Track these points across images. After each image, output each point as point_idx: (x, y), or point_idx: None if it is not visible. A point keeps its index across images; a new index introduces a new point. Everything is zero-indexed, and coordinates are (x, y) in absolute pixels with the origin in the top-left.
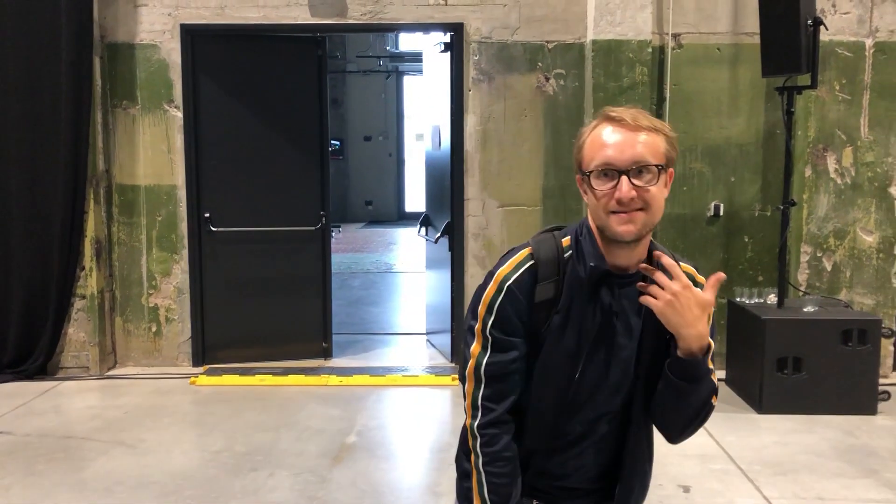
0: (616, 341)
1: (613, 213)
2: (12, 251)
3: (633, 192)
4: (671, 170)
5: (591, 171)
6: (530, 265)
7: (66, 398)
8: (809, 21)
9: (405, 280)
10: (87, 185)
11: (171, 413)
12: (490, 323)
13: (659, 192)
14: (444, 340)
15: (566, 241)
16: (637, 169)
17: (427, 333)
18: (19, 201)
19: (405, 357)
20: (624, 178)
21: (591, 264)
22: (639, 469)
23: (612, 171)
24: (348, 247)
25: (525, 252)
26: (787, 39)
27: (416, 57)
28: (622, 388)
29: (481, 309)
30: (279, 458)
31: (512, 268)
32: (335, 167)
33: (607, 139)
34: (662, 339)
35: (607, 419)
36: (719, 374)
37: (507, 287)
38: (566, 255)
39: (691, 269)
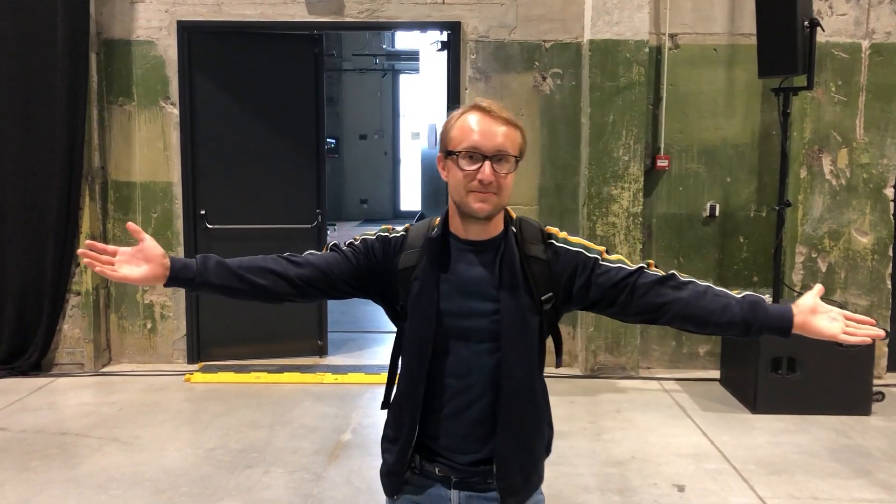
0: (472, 299)
1: (472, 191)
2: (7, 247)
3: (493, 177)
4: (520, 161)
5: (459, 152)
6: (402, 235)
7: (60, 395)
8: (806, 22)
9: None
10: (83, 181)
11: (166, 410)
12: (347, 243)
13: (511, 179)
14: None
15: (437, 220)
16: (498, 157)
17: None
18: (14, 197)
19: None
20: (487, 163)
21: (436, 231)
22: (514, 435)
23: (477, 155)
24: None
25: (405, 227)
26: (784, 41)
27: (412, 55)
28: (482, 344)
29: (351, 240)
30: (274, 455)
31: (390, 230)
32: (330, 165)
33: (475, 126)
34: (525, 301)
35: (475, 380)
36: (713, 374)
37: (379, 235)
38: (433, 232)
39: (554, 230)
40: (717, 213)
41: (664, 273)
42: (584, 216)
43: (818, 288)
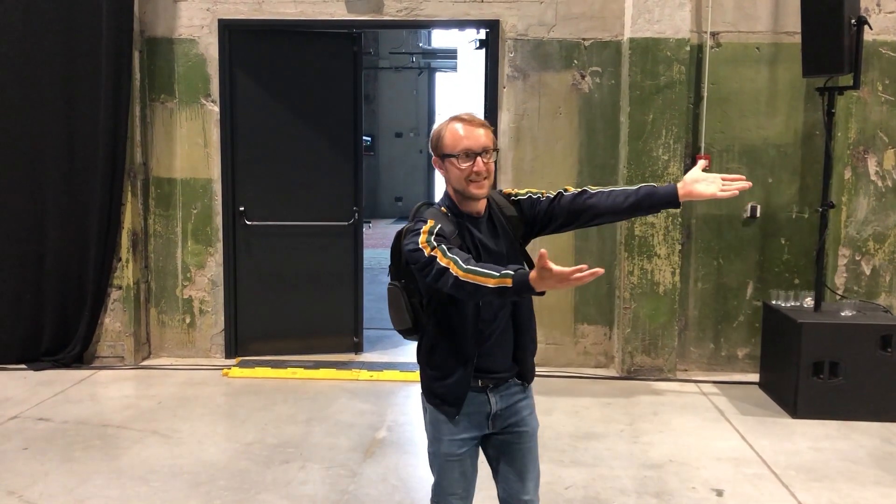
0: (491, 255)
1: (472, 181)
2: (50, 242)
3: (483, 167)
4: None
5: (455, 155)
6: (440, 225)
7: (102, 387)
8: (853, 20)
9: None
10: (125, 177)
11: (204, 404)
12: (446, 241)
13: (491, 166)
14: None
15: (443, 209)
16: (484, 151)
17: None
18: (58, 193)
19: None
20: (479, 158)
21: (455, 214)
22: (529, 338)
23: (472, 153)
24: (378, 242)
25: (429, 220)
26: (830, 39)
27: (449, 54)
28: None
29: (422, 238)
30: (310, 451)
31: (430, 223)
32: (366, 163)
33: (462, 132)
34: (517, 246)
35: (506, 312)
36: (752, 377)
37: (437, 226)
38: (450, 217)
39: (509, 189)
40: (759, 214)
41: (578, 189)
42: None
43: (702, 163)
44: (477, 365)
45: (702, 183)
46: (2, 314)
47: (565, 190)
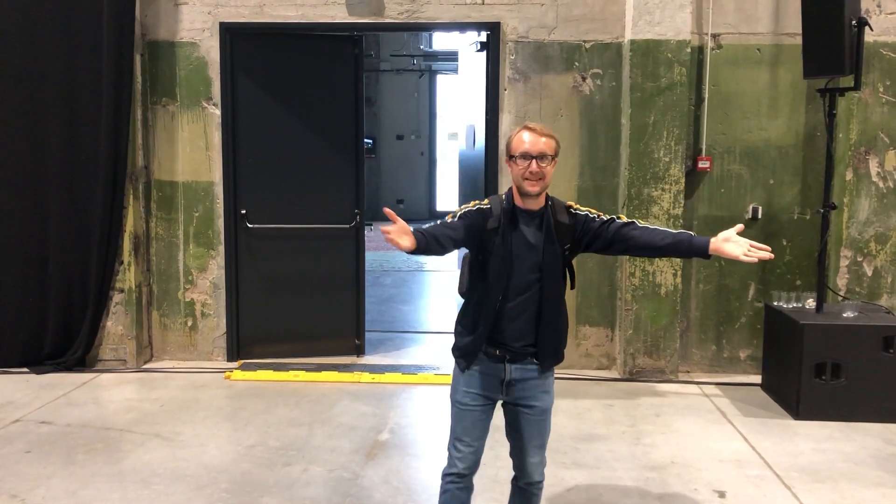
0: (528, 249)
1: (527, 179)
2: (53, 245)
3: (538, 168)
4: (557, 158)
5: (517, 155)
6: (489, 206)
7: (104, 390)
8: (854, 21)
9: (436, 279)
10: (127, 180)
11: (206, 407)
12: (459, 214)
13: (551, 169)
14: None
15: (502, 196)
16: (541, 156)
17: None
18: (60, 196)
19: (436, 355)
20: (534, 161)
21: (509, 205)
22: (550, 329)
23: (528, 156)
24: (380, 245)
25: (486, 200)
26: (831, 40)
27: (450, 56)
28: (534, 275)
29: (461, 209)
30: (313, 453)
31: (480, 203)
32: (367, 165)
33: (526, 139)
34: (557, 248)
35: (528, 297)
36: (754, 378)
37: (476, 206)
38: (504, 205)
39: (573, 203)
40: (760, 216)
41: (628, 220)
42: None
43: (738, 227)
44: (495, 336)
45: (731, 244)
46: (4, 317)
47: (618, 217)
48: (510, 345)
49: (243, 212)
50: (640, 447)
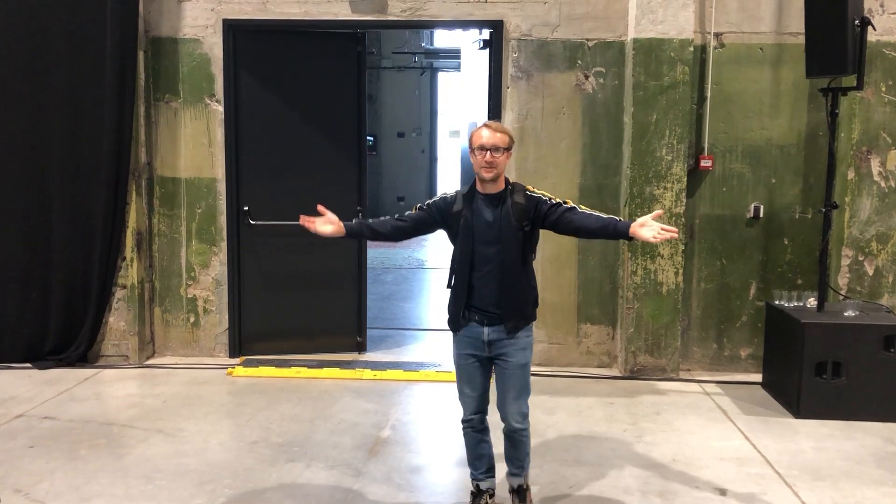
0: (485, 225)
1: (482, 167)
2: (55, 241)
3: (491, 158)
4: (510, 151)
5: (476, 147)
6: (454, 195)
7: (106, 386)
8: (857, 21)
9: (436, 276)
10: (130, 177)
11: (209, 403)
12: (423, 205)
13: (504, 160)
14: None
15: (468, 187)
16: (494, 148)
17: None
18: (63, 192)
19: (437, 353)
20: (489, 152)
21: (471, 189)
22: (512, 293)
23: (483, 148)
24: (381, 243)
25: (453, 191)
26: (833, 40)
27: (451, 53)
28: (492, 248)
29: (427, 202)
30: (315, 449)
31: (446, 194)
32: (368, 163)
33: (483, 134)
34: (514, 224)
35: (490, 266)
36: (755, 377)
37: (440, 197)
38: (466, 191)
39: (530, 187)
40: (762, 215)
41: (572, 205)
42: (625, 216)
43: (656, 213)
44: (471, 303)
45: (645, 228)
46: (7, 313)
47: (565, 202)
48: (484, 310)
49: (246, 208)
50: (642, 445)
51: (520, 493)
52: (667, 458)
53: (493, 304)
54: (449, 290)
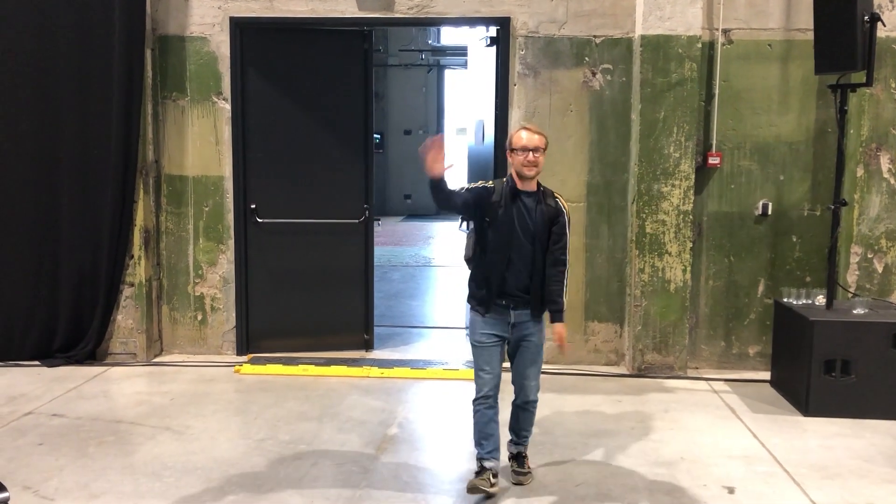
0: (525, 220)
1: (525, 165)
2: (64, 239)
3: (534, 158)
4: (546, 150)
5: (518, 149)
6: (493, 186)
7: (114, 383)
8: (866, 17)
9: (444, 274)
10: (137, 175)
11: (216, 401)
12: (467, 188)
13: (542, 159)
14: None
15: (504, 180)
16: (535, 149)
17: (466, 328)
18: (71, 190)
19: (444, 351)
20: (531, 152)
21: (510, 185)
22: (539, 284)
23: (527, 149)
24: (388, 240)
25: (491, 182)
26: (843, 36)
27: (458, 51)
28: (528, 240)
29: (469, 185)
30: (322, 447)
31: (486, 183)
32: (375, 161)
33: (524, 136)
34: (545, 221)
35: (524, 257)
36: (763, 375)
37: (482, 185)
38: (506, 185)
39: (560, 198)
40: (770, 212)
41: (565, 255)
42: (633, 213)
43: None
44: (502, 288)
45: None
46: (16, 311)
47: (565, 244)
48: (513, 295)
49: (253, 206)
50: (650, 443)
51: (519, 458)
52: (675, 455)
53: (522, 289)
54: (469, 265)
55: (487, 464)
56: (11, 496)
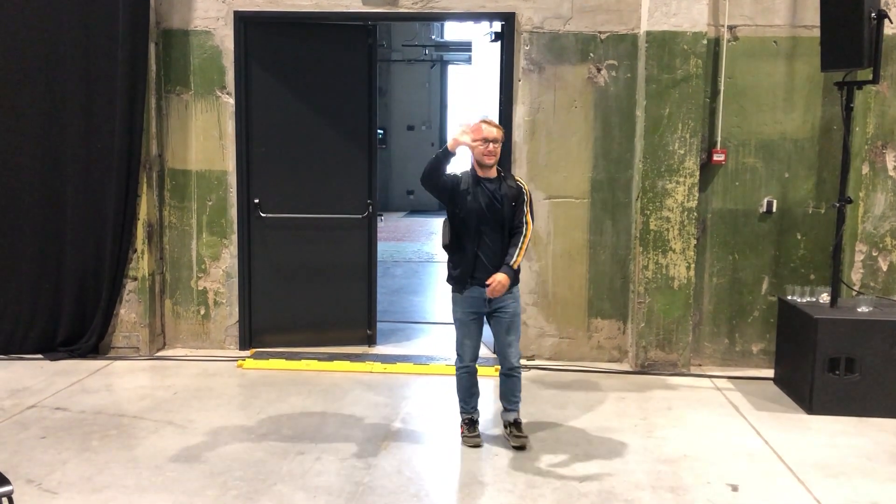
0: (492, 202)
1: (485, 154)
2: (67, 233)
3: (493, 147)
4: (502, 141)
5: (481, 140)
6: (460, 175)
7: (117, 377)
8: (873, 14)
9: (446, 270)
10: (141, 169)
11: (219, 395)
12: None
13: (498, 149)
14: (485, 331)
15: (468, 170)
16: (494, 140)
17: None
18: (74, 184)
19: (447, 346)
20: (490, 143)
21: (473, 174)
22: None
23: (486, 140)
24: (390, 235)
25: (459, 172)
26: (849, 33)
27: (461, 46)
28: (495, 220)
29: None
30: (325, 442)
31: (453, 173)
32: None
33: (484, 129)
34: (508, 204)
35: (492, 236)
36: (767, 373)
37: (453, 174)
38: (469, 174)
39: (521, 180)
40: (775, 210)
41: (527, 218)
42: (637, 210)
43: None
44: (473, 266)
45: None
46: (20, 305)
47: (525, 220)
48: (484, 274)
49: (256, 201)
50: (653, 440)
51: (516, 424)
52: (678, 453)
53: (494, 266)
54: (446, 249)
55: (475, 416)
56: (15, 490)
